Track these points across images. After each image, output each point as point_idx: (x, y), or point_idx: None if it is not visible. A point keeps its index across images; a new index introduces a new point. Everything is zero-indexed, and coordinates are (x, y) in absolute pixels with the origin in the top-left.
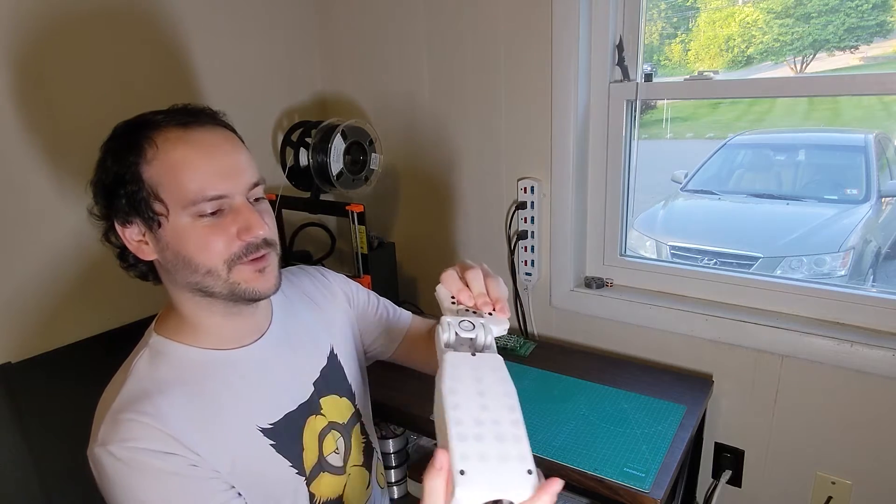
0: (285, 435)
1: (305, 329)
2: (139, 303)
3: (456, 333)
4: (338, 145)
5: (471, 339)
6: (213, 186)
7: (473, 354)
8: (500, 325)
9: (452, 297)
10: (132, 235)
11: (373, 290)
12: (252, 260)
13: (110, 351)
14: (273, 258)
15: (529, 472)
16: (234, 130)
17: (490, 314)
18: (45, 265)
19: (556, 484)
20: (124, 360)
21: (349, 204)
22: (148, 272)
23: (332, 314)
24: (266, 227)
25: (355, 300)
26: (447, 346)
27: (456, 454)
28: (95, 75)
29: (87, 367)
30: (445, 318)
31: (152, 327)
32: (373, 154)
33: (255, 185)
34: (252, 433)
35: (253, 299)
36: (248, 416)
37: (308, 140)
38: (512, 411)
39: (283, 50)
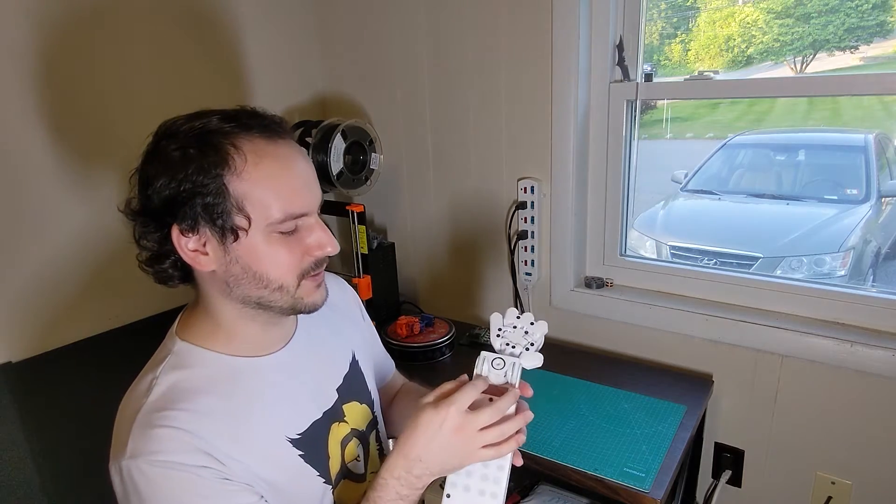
0: (312, 444)
1: (330, 332)
2: (139, 303)
3: (488, 370)
4: (338, 145)
5: (502, 374)
6: (299, 204)
7: (491, 400)
8: (532, 361)
9: (500, 328)
10: (189, 245)
11: (373, 290)
12: (314, 275)
13: (112, 350)
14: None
15: None
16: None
17: (527, 349)
18: (47, 265)
19: None
20: (125, 360)
21: (349, 204)
22: (175, 277)
23: (352, 320)
24: (336, 244)
25: (367, 321)
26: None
27: (448, 479)
28: (94, 75)
29: (89, 367)
30: (483, 353)
31: (174, 333)
32: (373, 154)
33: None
34: (282, 444)
35: (310, 312)
36: (278, 427)
37: (308, 140)
38: (503, 458)
39: (284, 50)
